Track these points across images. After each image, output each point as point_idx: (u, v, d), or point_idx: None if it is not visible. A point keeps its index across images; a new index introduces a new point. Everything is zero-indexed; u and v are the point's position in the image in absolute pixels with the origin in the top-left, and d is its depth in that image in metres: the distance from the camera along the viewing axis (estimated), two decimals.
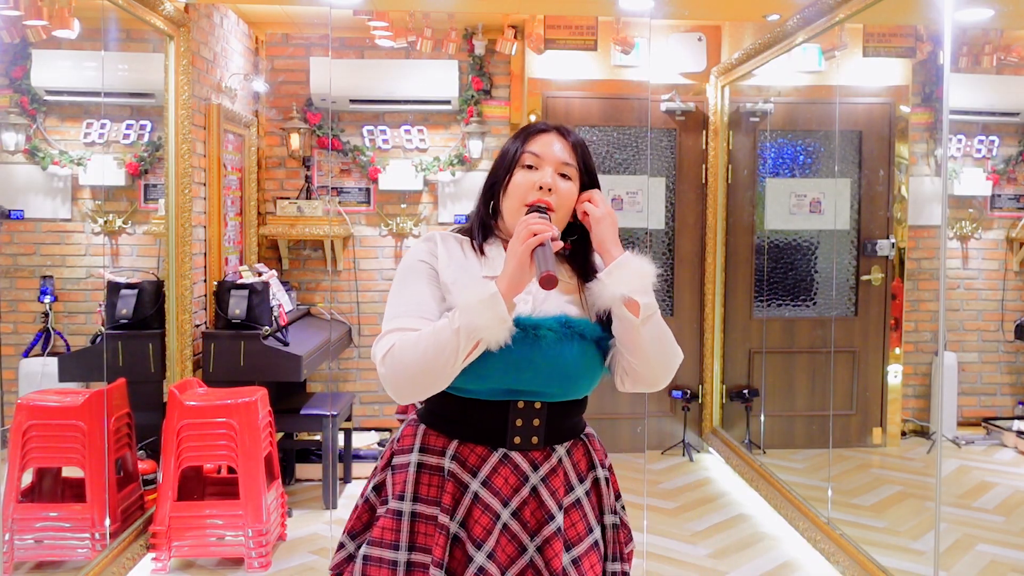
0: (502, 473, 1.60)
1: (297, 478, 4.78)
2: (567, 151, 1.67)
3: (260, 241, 5.27)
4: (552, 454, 1.63)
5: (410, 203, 5.49)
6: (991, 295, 4.33)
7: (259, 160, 5.31)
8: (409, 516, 1.61)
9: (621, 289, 1.55)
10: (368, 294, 5.51)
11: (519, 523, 1.60)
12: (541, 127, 1.70)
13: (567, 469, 1.65)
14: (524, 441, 1.61)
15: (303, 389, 5.02)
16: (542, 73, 5.34)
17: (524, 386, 1.59)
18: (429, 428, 1.66)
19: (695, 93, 5.43)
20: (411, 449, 1.65)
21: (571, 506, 1.64)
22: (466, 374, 1.54)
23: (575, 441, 1.69)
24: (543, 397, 1.61)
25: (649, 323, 1.57)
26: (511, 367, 1.55)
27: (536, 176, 1.64)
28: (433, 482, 1.61)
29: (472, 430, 1.62)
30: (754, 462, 4.70)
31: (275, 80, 5.43)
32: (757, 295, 5.18)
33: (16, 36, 3.29)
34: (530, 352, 1.55)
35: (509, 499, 1.60)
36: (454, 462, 1.61)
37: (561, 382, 1.60)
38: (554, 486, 1.62)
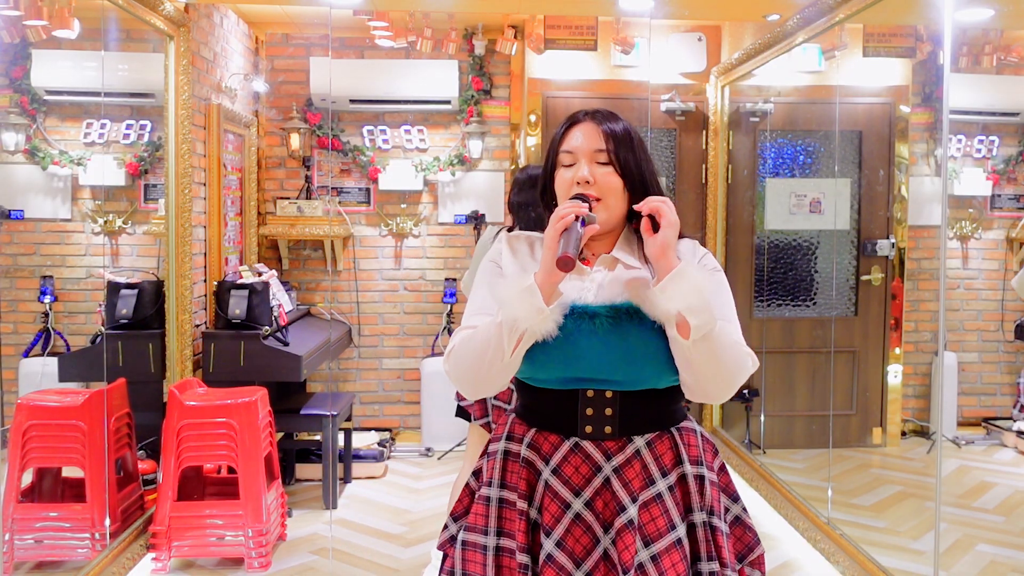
0: (572, 462, 1.60)
1: (297, 478, 4.78)
2: (597, 137, 1.65)
3: (260, 241, 5.27)
4: (628, 445, 1.61)
5: (410, 203, 5.49)
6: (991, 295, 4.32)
7: (259, 160, 5.31)
8: (496, 502, 1.65)
9: (674, 304, 1.49)
10: (368, 294, 5.51)
11: (592, 514, 1.59)
12: (576, 118, 1.69)
13: (647, 461, 1.61)
14: (596, 430, 1.60)
15: (303, 389, 5.02)
16: (542, 73, 5.34)
17: (587, 374, 1.58)
18: (517, 417, 1.71)
19: (695, 93, 5.43)
20: (500, 438, 1.70)
21: (651, 500, 1.59)
22: (532, 364, 1.58)
23: (660, 433, 1.64)
24: (613, 386, 1.59)
25: (703, 343, 1.50)
26: (567, 355, 1.56)
27: (573, 172, 1.64)
28: (514, 469, 1.65)
29: (546, 418, 1.64)
30: (754, 462, 4.70)
31: (275, 80, 5.43)
32: (757, 295, 5.18)
33: (16, 36, 3.29)
34: (585, 339, 1.56)
35: (581, 489, 1.59)
36: (529, 449, 1.64)
37: (627, 369, 1.57)
38: (628, 477, 1.59)
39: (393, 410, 5.57)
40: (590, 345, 1.56)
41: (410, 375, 5.52)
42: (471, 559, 1.65)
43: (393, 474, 4.95)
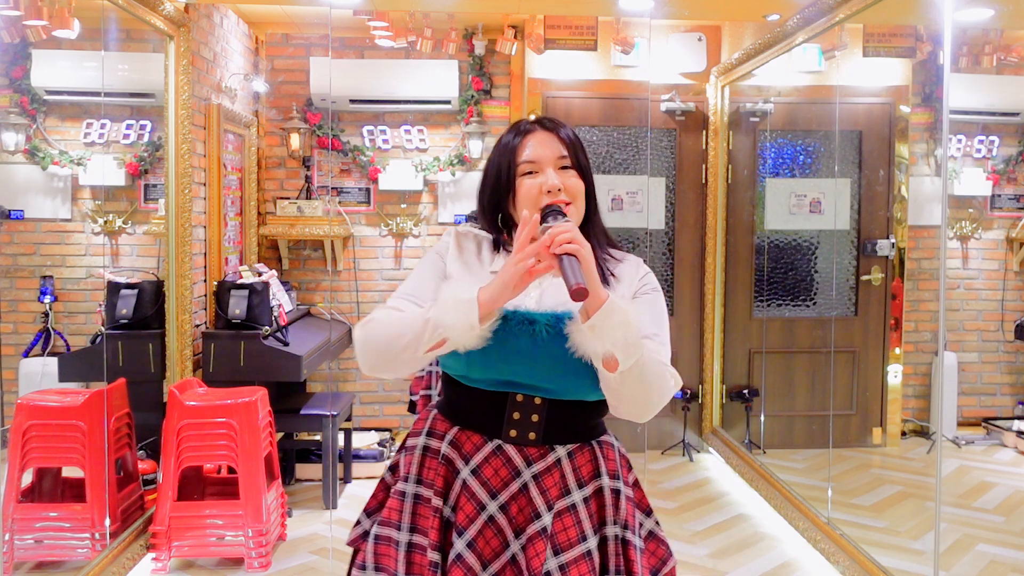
0: (493, 464, 1.60)
1: (297, 478, 4.77)
2: (557, 143, 1.64)
3: (260, 241, 5.27)
4: (550, 453, 1.61)
5: (410, 203, 5.49)
6: (991, 295, 4.33)
7: (259, 160, 5.31)
8: (412, 498, 1.64)
9: (602, 344, 1.45)
10: (368, 294, 5.51)
11: (506, 518, 1.59)
12: (524, 128, 1.67)
13: (565, 471, 1.61)
14: (520, 435, 1.60)
15: (303, 389, 5.02)
16: (542, 73, 5.34)
17: (521, 379, 1.58)
18: (439, 414, 1.70)
19: (695, 93, 5.43)
20: (419, 433, 1.70)
21: (565, 510, 1.59)
22: (467, 362, 1.58)
23: (582, 445, 1.64)
24: (543, 393, 1.59)
25: (628, 372, 1.47)
26: (507, 358, 1.56)
27: (540, 180, 1.62)
28: (432, 465, 1.64)
29: (472, 418, 1.64)
30: (754, 462, 4.70)
31: (275, 80, 5.43)
32: (757, 295, 5.18)
33: (16, 36, 3.29)
34: (526, 345, 1.55)
35: (498, 491, 1.59)
36: (450, 447, 1.64)
37: (560, 379, 1.57)
38: (546, 485, 1.59)
39: (393, 410, 5.57)
40: (527, 351, 1.55)
41: (410, 375, 5.52)
42: (384, 553, 1.64)
43: None
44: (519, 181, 1.64)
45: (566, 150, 1.64)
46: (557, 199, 1.60)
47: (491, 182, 1.69)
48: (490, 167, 1.70)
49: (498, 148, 1.69)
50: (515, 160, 1.65)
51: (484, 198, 1.71)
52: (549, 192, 1.60)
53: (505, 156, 1.66)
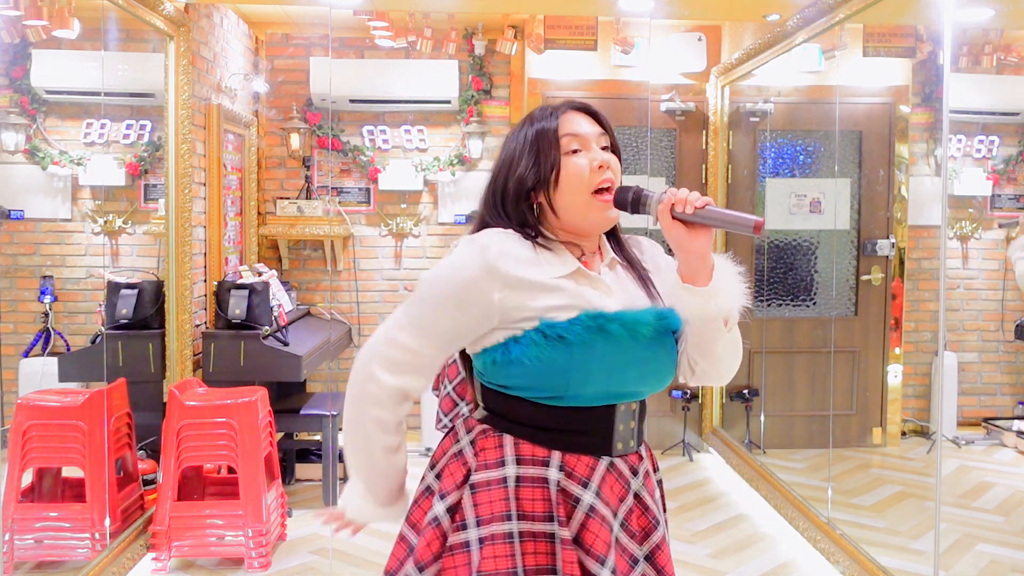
0: (608, 482, 1.48)
1: (297, 478, 4.77)
2: (595, 123, 1.54)
3: (260, 241, 5.28)
4: (643, 457, 1.57)
5: (410, 203, 5.49)
6: (991, 295, 4.33)
7: (259, 160, 5.31)
8: (517, 537, 1.43)
9: (727, 303, 1.45)
10: (368, 294, 5.51)
11: (628, 534, 1.49)
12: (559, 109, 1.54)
13: (650, 471, 1.59)
14: (625, 446, 1.51)
15: (303, 389, 5.02)
16: (542, 73, 5.34)
17: (627, 387, 1.48)
18: (519, 439, 1.47)
19: (695, 93, 5.43)
20: (500, 463, 1.46)
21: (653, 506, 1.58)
22: (568, 379, 1.42)
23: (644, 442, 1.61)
24: (638, 396, 1.52)
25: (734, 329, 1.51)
26: (618, 368, 1.44)
27: (591, 156, 1.50)
28: (537, 495, 1.44)
29: (576, 439, 1.47)
30: (754, 462, 4.70)
31: (275, 80, 5.43)
32: (757, 295, 5.18)
33: (16, 36, 3.29)
34: (635, 350, 1.45)
35: (617, 510, 1.49)
36: (561, 473, 1.45)
37: (657, 379, 1.52)
38: (650, 489, 1.56)
39: None
40: (639, 356, 1.46)
41: None
42: None
43: None
44: (564, 160, 1.49)
45: (604, 129, 1.55)
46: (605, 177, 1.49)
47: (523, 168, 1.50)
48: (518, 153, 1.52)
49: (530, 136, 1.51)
50: (557, 135, 1.50)
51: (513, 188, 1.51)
52: (601, 167, 1.49)
53: (545, 136, 1.50)
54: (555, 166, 1.48)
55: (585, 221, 1.51)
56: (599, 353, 1.41)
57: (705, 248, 1.43)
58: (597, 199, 1.49)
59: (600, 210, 1.49)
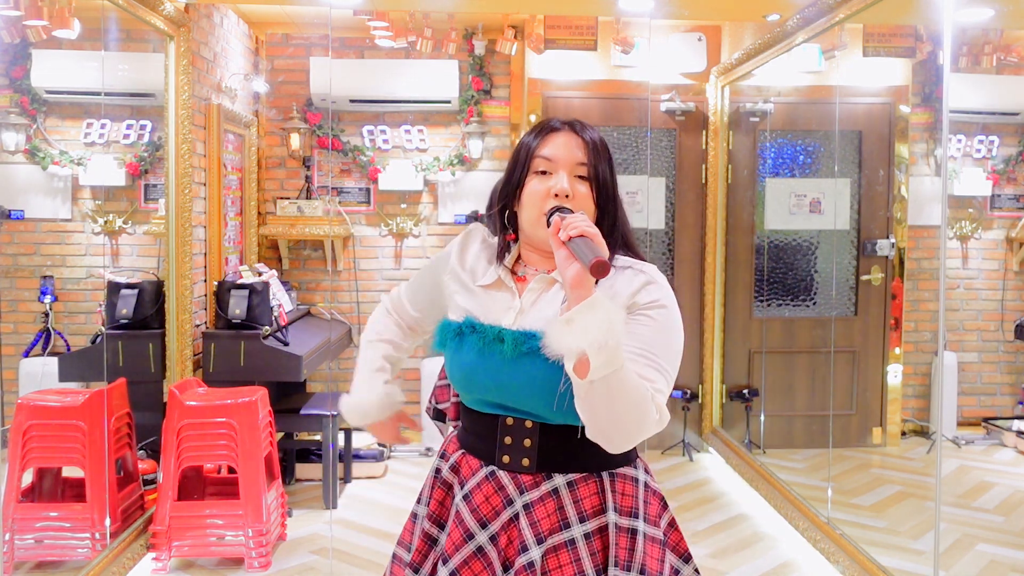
0: (484, 490, 1.51)
1: (297, 478, 4.78)
2: (581, 149, 1.52)
3: (260, 241, 5.28)
4: (545, 482, 1.49)
5: (410, 203, 5.49)
6: (991, 295, 4.33)
7: (259, 160, 5.31)
8: (422, 519, 1.64)
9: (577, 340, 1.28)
10: (368, 294, 5.51)
11: (496, 549, 1.48)
12: (554, 125, 1.56)
13: (564, 503, 1.48)
14: (514, 461, 1.50)
15: (303, 389, 5.02)
16: (542, 73, 5.34)
17: (507, 401, 1.49)
18: (454, 436, 1.67)
19: (695, 93, 5.43)
20: (438, 454, 1.69)
21: (561, 545, 1.46)
22: (455, 381, 1.58)
23: (587, 476, 1.50)
24: (535, 417, 1.48)
25: (601, 384, 1.31)
26: (477, 378, 1.50)
27: (551, 182, 1.51)
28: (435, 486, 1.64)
29: (471, 441, 1.58)
30: (754, 462, 4.70)
31: (275, 80, 5.43)
32: (757, 295, 5.18)
33: (16, 36, 3.29)
34: (496, 364, 1.47)
35: (489, 521, 1.50)
36: (451, 470, 1.61)
37: (547, 404, 1.44)
38: (537, 516, 1.47)
39: None
40: (500, 371, 1.46)
41: (410, 375, 5.52)
42: (396, 573, 1.65)
43: (393, 474, 4.95)
44: (528, 178, 1.53)
45: (587, 157, 1.52)
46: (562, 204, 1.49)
47: (505, 178, 1.59)
48: (509, 163, 1.61)
49: (518, 145, 1.59)
50: (532, 154, 1.54)
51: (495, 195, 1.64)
52: (556, 196, 1.50)
53: (523, 151, 1.56)
54: (519, 184, 1.56)
55: (535, 237, 1.55)
56: (465, 359, 1.52)
57: (575, 278, 1.33)
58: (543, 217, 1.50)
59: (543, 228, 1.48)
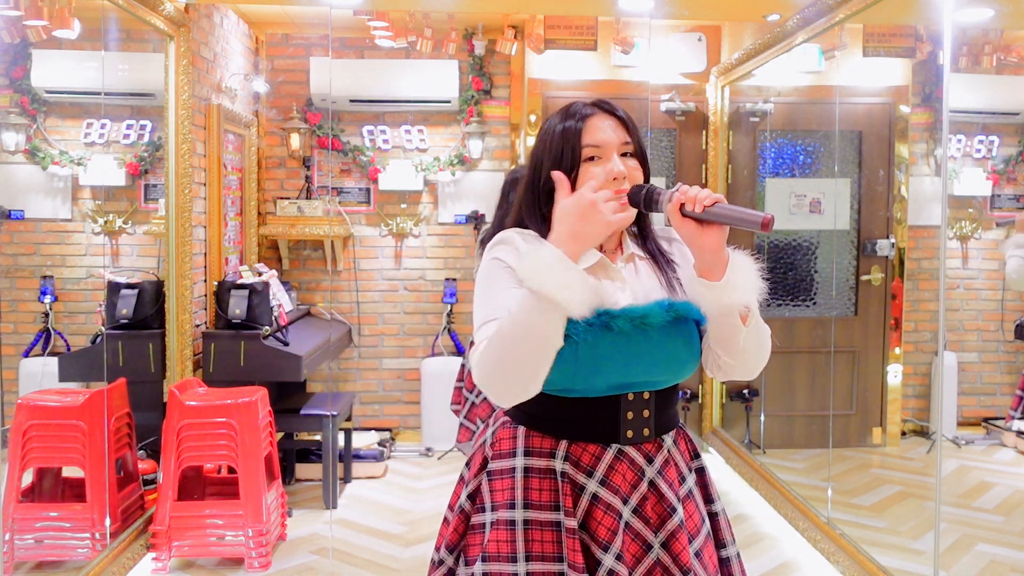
0: (619, 470, 1.53)
1: (297, 478, 4.78)
2: (620, 128, 1.56)
3: (260, 241, 5.27)
4: (663, 445, 1.58)
5: (410, 203, 5.49)
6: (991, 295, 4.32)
7: (259, 160, 5.31)
8: (522, 524, 1.51)
9: (742, 296, 1.47)
10: (368, 294, 5.51)
11: (641, 520, 1.53)
12: (586, 112, 1.56)
13: (676, 460, 1.60)
14: (636, 434, 1.54)
15: (303, 389, 5.02)
16: (542, 73, 5.34)
17: (636, 377, 1.52)
18: (531, 430, 1.56)
19: (695, 93, 5.43)
20: (512, 453, 1.55)
21: (686, 497, 1.58)
22: (575, 373, 1.46)
23: (678, 430, 1.64)
24: (652, 386, 1.55)
25: (756, 324, 1.53)
26: (624, 361, 1.49)
27: (609, 166, 1.53)
28: (544, 486, 1.52)
29: (582, 428, 1.53)
30: (754, 462, 4.70)
31: (275, 80, 5.43)
32: None
33: (16, 36, 3.29)
34: (643, 343, 1.49)
35: (628, 496, 1.53)
36: (566, 463, 1.53)
37: (672, 369, 1.55)
38: (670, 478, 1.57)
39: (393, 410, 5.57)
40: (645, 350, 1.50)
41: (410, 375, 5.52)
42: None
43: (393, 474, 4.95)
44: (582, 168, 1.54)
45: (629, 135, 1.57)
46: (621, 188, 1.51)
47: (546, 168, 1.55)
48: (544, 155, 1.57)
49: (556, 134, 1.56)
50: (579, 143, 1.54)
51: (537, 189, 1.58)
52: (615, 179, 1.52)
53: (568, 141, 1.54)
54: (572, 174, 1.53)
55: None
56: (605, 349, 1.46)
57: (717, 244, 1.46)
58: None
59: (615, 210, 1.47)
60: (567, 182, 1.48)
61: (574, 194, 1.43)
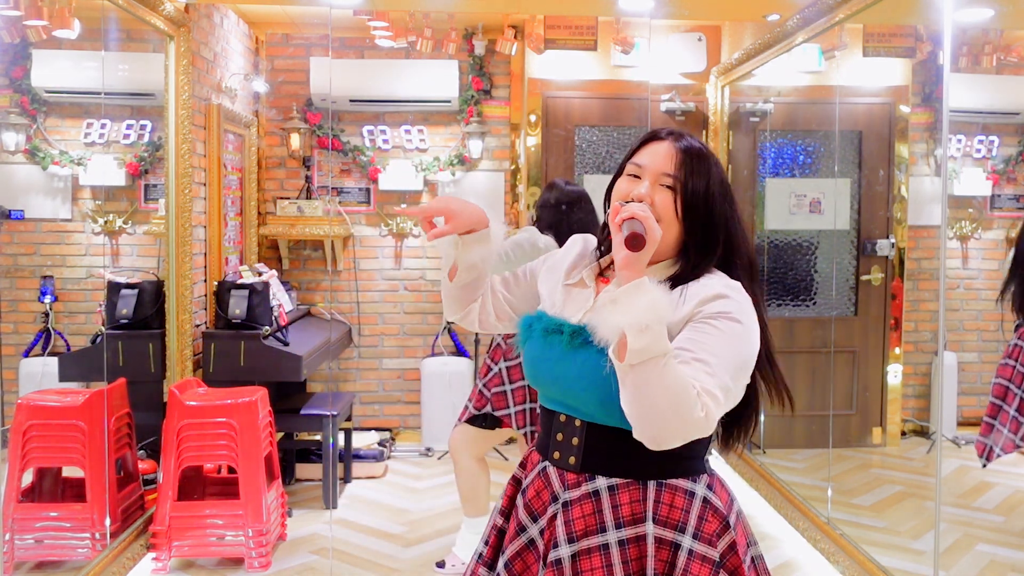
0: (536, 485, 1.57)
1: (297, 478, 4.78)
2: (670, 160, 1.51)
3: (260, 241, 5.27)
4: (587, 482, 1.49)
5: (410, 203, 5.49)
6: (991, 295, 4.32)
7: (259, 160, 5.31)
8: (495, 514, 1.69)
9: (618, 318, 1.29)
10: (368, 294, 5.51)
11: (544, 543, 1.51)
12: (659, 135, 1.57)
13: (603, 506, 1.47)
14: (562, 458, 1.53)
15: (303, 389, 5.02)
16: (542, 73, 5.34)
17: (557, 395, 1.54)
18: None
19: (695, 93, 5.43)
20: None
21: (595, 548, 1.45)
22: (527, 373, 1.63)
23: (631, 482, 1.48)
24: (583, 416, 1.50)
25: (641, 371, 1.29)
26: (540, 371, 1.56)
27: (633, 187, 1.53)
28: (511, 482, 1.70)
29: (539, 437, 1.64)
30: (754, 462, 4.70)
31: (275, 80, 5.43)
32: None
33: (16, 36, 3.29)
34: (554, 356, 1.52)
35: (540, 515, 1.54)
36: (520, 466, 1.66)
37: (596, 399, 1.45)
38: (572, 515, 1.48)
39: (393, 410, 5.57)
40: (555, 364, 1.51)
41: (410, 375, 5.52)
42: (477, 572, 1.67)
43: (393, 474, 4.95)
44: (620, 179, 1.58)
45: (675, 169, 1.50)
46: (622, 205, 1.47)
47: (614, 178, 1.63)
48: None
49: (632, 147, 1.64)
50: (630, 158, 1.59)
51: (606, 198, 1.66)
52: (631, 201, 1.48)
53: (628, 154, 1.61)
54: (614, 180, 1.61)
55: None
56: (528, 351, 1.58)
57: (625, 260, 1.34)
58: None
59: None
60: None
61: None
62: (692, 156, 1.52)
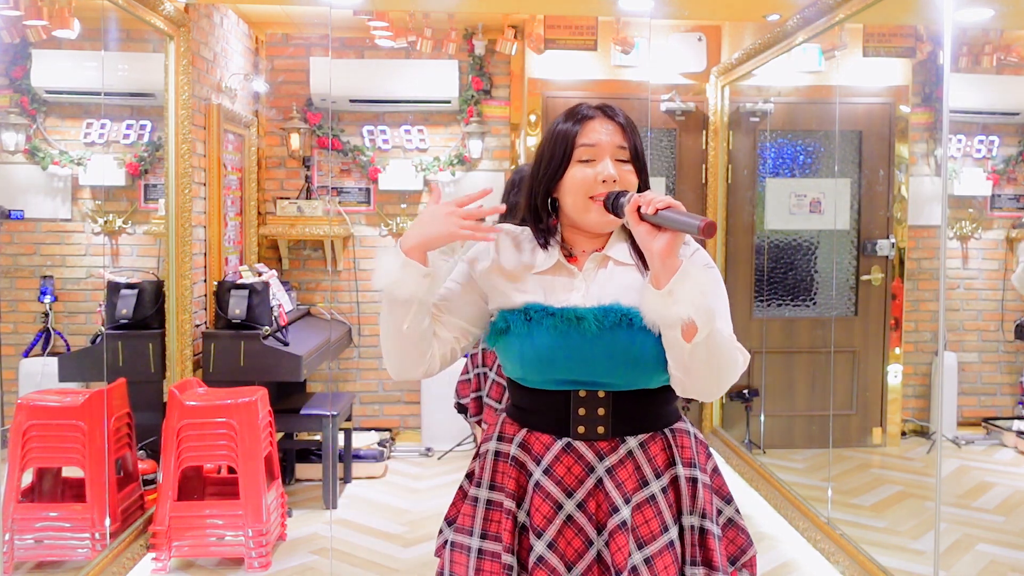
0: (564, 462, 1.58)
1: (297, 478, 4.78)
2: (619, 133, 1.59)
3: (260, 241, 5.27)
4: (621, 445, 1.58)
5: (410, 203, 5.49)
6: (991, 295, 4.32)
7: (259, 160, 5.31)
8: (484, 503, 1.63)
9: (681, 309, 1.42)
10: (368, 294, 5.51)
11: (585, 515, 1.56)
12: (588, 113, 1.61)
13: (640, 462, 1.59)
14: (589, 431, 1.58)
15: (303, 389, 5.02)
16: (542, 73, 5.34)
17: (580, 376, 1.56)
18: (508, 417, 1.69)
19: (695, 93, 5.43)
20: (490, 438, 1.69)
21: (644, 502, 1.56)
22: (522, 365, 1.59)
23: (653, 434, 1.61)
24: (605, 386, 1.57)
25: (703, 345, 1.45)
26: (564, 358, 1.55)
27: (598, 169, 1.57)
28: (505, 469, 1.63)
29: (539, 418, 1.62)
30: (754, 462, 4.70)
31: (275, 80, 5.43)
32: (757, 295, 5.18)
33: (16, 36, 3.29)
34: (578, 342, 1.54)
35: (574, 490, 1.57)
36: (520, 449, 1.62)
37: (620, 371, 1.55)
38: (620, 478, 1.57)
39: (393, 410, 5.57)
40: (580, 348, 1.54)
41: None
42: (457, 560, 1.63)
43: (393, 474, 4.95)
44: (572, 167, 1.59)
45: (626, 141, 1.59)
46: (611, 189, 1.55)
47: (542, 168, 1.62)
48: (543, 154, 1.63)
49: (554, 133, 1.62)
50: (574, 143, 1.59)
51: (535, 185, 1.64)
52: (604, 182, 1.56)
53: (563, 141, 1.60)
54: (561, 171, 1.60)
55: (585, 222, 1.60)
56: (539, 343, 1.55)
57: (665, 250, 1.45)
58: (591, 202, 1.58)
59: (597, 212, 1.58)
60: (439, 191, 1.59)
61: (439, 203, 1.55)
62: (629, 124, 1.62)
